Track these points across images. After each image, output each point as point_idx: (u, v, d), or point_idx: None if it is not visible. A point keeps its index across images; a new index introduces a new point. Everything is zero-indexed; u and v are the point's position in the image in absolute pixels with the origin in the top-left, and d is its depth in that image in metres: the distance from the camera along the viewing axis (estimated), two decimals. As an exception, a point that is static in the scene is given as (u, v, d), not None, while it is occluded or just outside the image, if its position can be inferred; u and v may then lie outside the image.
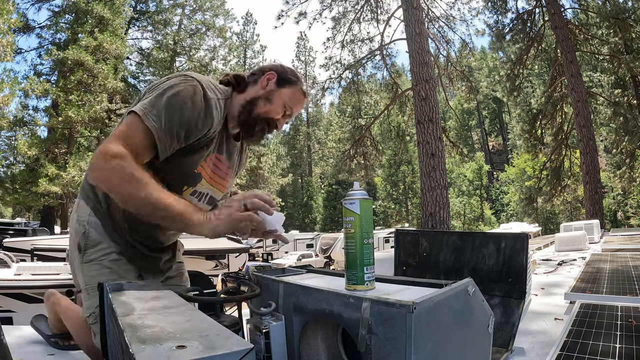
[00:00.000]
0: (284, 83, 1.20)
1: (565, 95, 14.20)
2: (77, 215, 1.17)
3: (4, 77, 13.89)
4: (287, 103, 1.19)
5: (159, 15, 20.52)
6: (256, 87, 1.19)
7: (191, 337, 0.46)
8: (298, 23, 12.27)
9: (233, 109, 1.17)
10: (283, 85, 1.19)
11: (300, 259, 14.95)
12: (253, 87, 1.20)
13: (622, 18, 11.97)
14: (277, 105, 1.18)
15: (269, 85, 1.18)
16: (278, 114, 1.20)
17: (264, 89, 1.18)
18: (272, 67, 1.22)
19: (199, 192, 1.18)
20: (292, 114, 1.24)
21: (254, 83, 1.20)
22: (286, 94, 1.19)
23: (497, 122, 45.21)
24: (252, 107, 1.16)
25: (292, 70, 1.24)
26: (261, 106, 1.17)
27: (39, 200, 15.47)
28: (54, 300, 1.50)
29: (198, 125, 1.04)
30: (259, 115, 1.17)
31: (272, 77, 1.19)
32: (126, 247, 1.15)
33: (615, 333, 1.27)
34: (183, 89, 1.00)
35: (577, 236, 4.69)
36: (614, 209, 25.88)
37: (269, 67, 1.22)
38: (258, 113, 1.16)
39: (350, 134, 13.98)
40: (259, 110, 1.17)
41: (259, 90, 1.18)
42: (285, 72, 1.21)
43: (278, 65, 1.24)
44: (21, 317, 3.50)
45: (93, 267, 1.10)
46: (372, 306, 0.74)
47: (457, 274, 1.48)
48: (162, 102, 0.97)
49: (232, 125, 1.19)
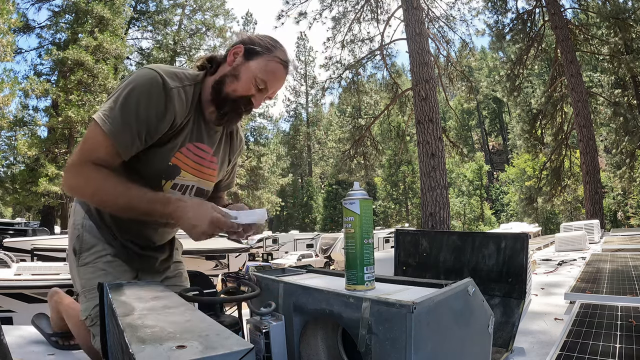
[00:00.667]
0: (251, 55, 1.07)
1: (565, 95, 14.20)
2: (73, 220, 1.17)
3: (4, 77, 13.89)
4: (257, 77, 1.06)
5: (159, 15, 20.53)
6: (225, 65, 1.10)
7: (191, 337, 0.46)
8: (298, 23, 12.27)
9: (206, 93, 1.09)
10: (251, 58, 1.07)
11: (300, 259, 14.95)
12: (223, 66, 1.10)
13: (622, 18, 11.97)
14: (245, 80, 1.06)
15: (236, 60, 1.08)
16: (249, 91, 1.07)
17: (230, 65, 1.08)
18: (240, 41, 1.09)
19: (181, 184, 1.12)
20: (268, 88, 1.09)
21: (224, 61, 1.10)
22: (255, 67, 1.06)
23: (497, 122, 45.21)
24: (220, 86, 1.07)
25: (264, 39, 1.10)
26: (229, 84, 1.06)
27: (39, 200, 15.47)
28: (56, 299, 1.50)
29: (159, 118, 0.98)
30: (227, 94, 1.07)
31: (239, 51, 1.08)
32: (120, 249, 1.15)
33: (615, 333, 1.27)
34: (138, 84, 0.96)
35: (577, 236, 4.69)
36: (614, 209, 25.88)
37: (237, 41, 1.11)
38: (227, 92, 1.06)
39: (350, 134, 13.98)
40: (227, 89, 1.07)
41: (225, 68, 1.09)
42: (253, 43, 1.08)
43: (246, 36, 1.11)
44: (21, 317, 3.50)
45: (88, 270, 1.10)
46: (372, 306, 0.74)
47: (457, 274, 1.48)
48: (118, 102, 0.95)
49: (209, 110, 1.11)
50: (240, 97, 1.07)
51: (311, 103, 37.53)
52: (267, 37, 1.13)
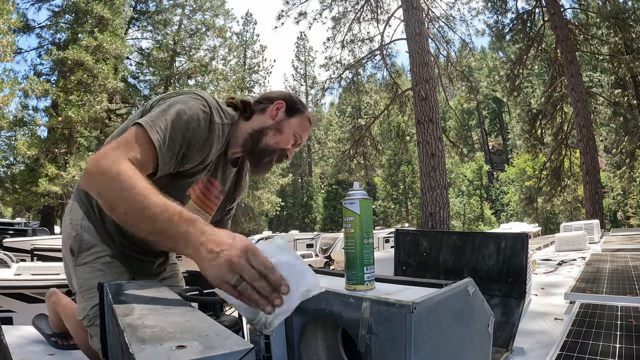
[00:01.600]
0: (293, 112, 1.17)
1: (565, 95, 14.20)
2: (70, 218, 1.15)
3: (4, 77, 13.88)
4: (296, 132, 1.18)
5: (159, 15, 20.50)
6: (264, 117, 1.16)
7: (191, 337, 0.46)
8: (298, 23, 12.28)
9: (237, 136, 1.14)
10: (292, 115, 1.17)
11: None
12: (260, 116, 1.16)
13: (622, 18, 11.97)
14: (287, 135, 1.16)
15: (279, 114, 1.16)
16: (288, 144, 1.17)
17: (273, 119, 1.15)
18: (280, 96, 1.19)
19: None
20: (301, 143, 1.21)
21: (261, 112, 1.17)
22: (295, 123, 1.17)
23: (497, 122, 45.19)
24: (261, 137, 1.13)
25: (298, 99, 1.22)
26: (271, 136, 1.14)
27: (39, 200, 15.46)
28: (54, 299, 1.50)
29: (198, 149, 1.00)
30: (268, 146, 1.14)
31: (281, 107, 1.16)
32: (119, 251, 1.15)
33: (615, 333, 1.27)
34: (192, 107, 0.97)
35: (577, 236, 4.69)
36: (614, 209, 25.87)
37: (277, 96, 1.19)
38: (267, 144, 1.14)
39: (350, 134, 13.98)
40: (269, 141, 1.14)
41: (267, 120, 1.15)
42: (294, 101, 1.19)
43: (286, 93, 1.21)
44: (21, 317, 3.50)
45: (86, 270, 1.10)
46: (372, 306, 0.74)
47: (457, 274, 1.48)
48: (169, 117, 0.93)
49: (233, 151, 1.17)
50: (279, 149, 1.16)
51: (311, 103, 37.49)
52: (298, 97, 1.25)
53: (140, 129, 0.90)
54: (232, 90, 19.77)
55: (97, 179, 0.79)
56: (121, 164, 0.79)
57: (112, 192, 0.76)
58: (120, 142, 0.87)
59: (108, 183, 0.77)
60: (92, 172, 0.80)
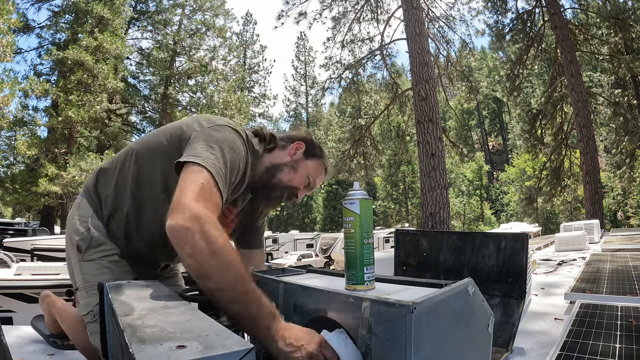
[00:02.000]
0: (311, 155, 1.20)
1: (565, 95, 14.20)
2: (79, 214, 1.15)
3: (4, 77, 13.88)
4: (310, 175, 1.20)
5: (159, 15, 20.51)
6: (283, 153, 1.19)
7: (191, 337, 0.46)
8: (298, 23, 12.28)
9: (259, 168, 1.16)
10: (309, 157, 1.20)
11: (300, 259, 14.95)
12: (280, 152, 1.19)
13: (622, 18, 11.97)
14: (301, 175, 1.18)
15: (297, 154, 1.18)
16: (300, 184, 1.19)
17: (291, 157, 1.18)
18: (302, 137, 1.22)
19: None
20: (313, 187, 1.22)
21: (282, 148, 1.20)
22: (311, 166, 1.20)
23: (497, 122, 45.21)
24: (276, 172, 1.15)
25: (319, 145, 1.24)
26: (285, 173, 1.16)
27: (39, 200, 15.47)
28: (48, 302, 1.50)
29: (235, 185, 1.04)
30: (281, 181, 1.16)
31: (300, 147, 1.19)
32: (126, 251, 1.16)
33: (615, 333, 1.27)
34: (238, 148, 1.00)
35: (577, 236, 4.69)
36: (614, 209, 25.88)
37: (299, 136, 1.22)
38: (281, 179, 1.16)
39: (350, 134, 13.97)
40: (283, 177, 1.16)
41: (285, 157, 1.18)
42: (314, 145, 1.22)
43: (307, 136, 1.24)
44: (21, 317, 3.50)
45: (93, 266, 1.10)
46: (372, 306, 0.74)
47: (457, 274, 1.48)
48: (225, 160, 0.94)
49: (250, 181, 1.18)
50: (290, 187, 1.18)
51: (311, 103, 37.55)
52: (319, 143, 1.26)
53: (210, 177, 0.87)
54: (232, 90, 19.78)
55: (198, 243, 0.75)
56: (223, 233, 0.78)
57: (211, 264, 0.75)
58: (199, 193, 0.82)
59: (209, 254, 0.75)
60: (194, 230, 0.75)
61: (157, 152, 1.09)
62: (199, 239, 0.75)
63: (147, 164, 1.10)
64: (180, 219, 0.76)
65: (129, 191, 1.11)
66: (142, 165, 1.11)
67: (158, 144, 1.09)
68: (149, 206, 1.11)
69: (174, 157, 0.97)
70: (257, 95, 31.49)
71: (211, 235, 0.76)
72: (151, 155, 1.10)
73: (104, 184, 1.16)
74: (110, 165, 1.17)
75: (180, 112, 18.63)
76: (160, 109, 19.46)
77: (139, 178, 1.11)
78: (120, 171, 1.13)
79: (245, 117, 19.90)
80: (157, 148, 1.09)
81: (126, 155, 1.14)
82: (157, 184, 1.09)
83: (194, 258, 0.75)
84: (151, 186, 1.09)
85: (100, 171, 1.19)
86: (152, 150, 1.10)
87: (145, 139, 1.15)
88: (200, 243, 0.75)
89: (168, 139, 1.07)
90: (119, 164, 1.14)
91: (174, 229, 0.76)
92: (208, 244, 0.75)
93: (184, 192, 0.81)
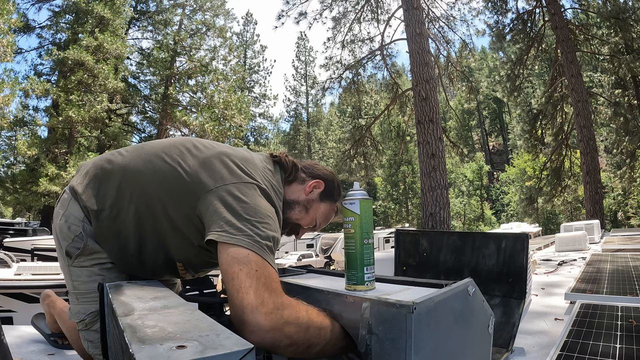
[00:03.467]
0: (326, 198, 1.15)
1: (565, 95, 14.20)
2: (66, 216, 1.02)
3: (4, 77, 13.87)
4: (319, 218, 1.15)
5: (159, 15, 20.52)
6: (299, 188, 1.12)
7: (191, 337, 0.46)
8: (298, 23, 12.28)
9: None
10: (325, 199, 1.14)
11: (300, 259, 14.93)
12: (297, 187, 1.12)
13: (622, 18, 11.96)
14: (311, 217, 1.13)
15: (313, 193, 1.12)
16: (307, 225, 1.15)
17: (306, 196, 1.12)
18: (323, 176, 1.15)
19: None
20: (316, 228, 1.18)
21: (300, 182, 1.12)
22: (323, 209, 1.15)
23: (497, 122, 45.19)
24: (287, 208, 1.09)
25: (338, 187, 1.18)
26: (296, 212, 1.11)
27: (39, 200, 15.47)
28: (48, 302, 1.50)
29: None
30: (289, 218, 1.10)
31: (319, 187, 1.13)
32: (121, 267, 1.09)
33: (615, 333, 1.27)
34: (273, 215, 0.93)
35: (578, 236, 4.69)
36: (614, 209, 25.86)
37: (321, 175, 1.15)
38: (289, 217, 1.10)
39: (350, 134, 13.98)
40: (292, 215, 1.10)
41: (300, 194, 1.11)
42: (332, 188, 1.16)
43: (330, 176, 1.17)
44: (21, 317, 3.50)
45: (83, 273, 1.02)
46: (372, 306, 0.74)
47: (457, 274, 1.48)
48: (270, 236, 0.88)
49: None
50: (296, 224, 1.13)
51: (311, 103, 37.52)
52: (339, 183, 1.19)
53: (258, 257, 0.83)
54: (232, 90, 19.77)
55: (291, 335, 0.76)
56: (296, 306, 0.79)
57: (311, 335, 0.78)
58: (258, 285, 0.79)
59: (304, 332, 0.78)
60: (279, 327, 0.75)
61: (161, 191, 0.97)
62: (289, 330, 0.76)
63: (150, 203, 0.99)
64: (262, 329, 0.74)
65: (132, 229, 1.00)
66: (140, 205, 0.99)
67: (162, 181, 0.97)
68: (152, 241, 1.02)
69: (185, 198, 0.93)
70: (257, 95, 31.48)
71: (293, 319, 0.76)
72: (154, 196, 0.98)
73: (92, 199, 1.01)
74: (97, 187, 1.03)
75: (180, 112, 18.62)
76: (161, 109, 19.45)
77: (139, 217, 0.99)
78: (116, 204, 1.00)
79: (246, 117, 19.89)
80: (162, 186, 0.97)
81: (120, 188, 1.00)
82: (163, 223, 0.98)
83: (296, 345, 0.77)
84: (156, 223, 0.99)
85: (88, 186, 1.03)
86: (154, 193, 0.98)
87: (141, 171, 1.00)
88: (291, 332, 0.76)
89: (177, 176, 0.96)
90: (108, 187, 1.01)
91: (263, 341, 0.75)
92: (297, 327, 0.77)
93: (245, 293, 0.77)
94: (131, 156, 1.04)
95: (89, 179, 1.04)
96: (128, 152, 1.07)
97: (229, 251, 0.82)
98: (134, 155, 1.04)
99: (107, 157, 1.07)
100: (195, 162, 0.98)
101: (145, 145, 1.07)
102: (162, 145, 1.05)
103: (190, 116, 18.74)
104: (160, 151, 1.02)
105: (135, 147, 1.08)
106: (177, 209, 0.95)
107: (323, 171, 1.18)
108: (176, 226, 0.97)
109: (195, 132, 18.27)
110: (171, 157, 1.00)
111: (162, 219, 0.97)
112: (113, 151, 1.10)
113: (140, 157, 1.03)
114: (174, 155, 1.00)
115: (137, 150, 1.06)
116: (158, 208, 0.97)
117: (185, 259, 1.04)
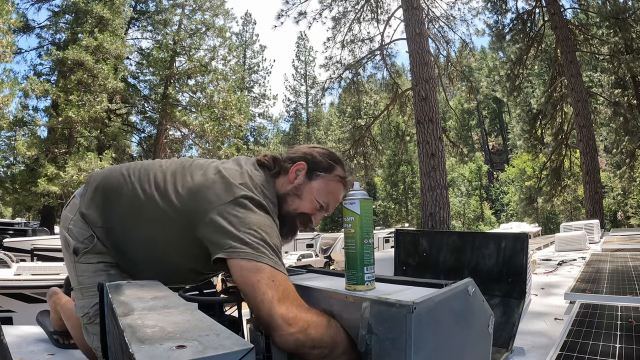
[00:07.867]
0: (315, 175, 1.07)
1: (565, 95, 14.20)
2: (74, 221, 1.08)
3: (4, 77, 13.86)
4: (317, 198, 1.06)
5: (158, 15, 20.50)
6: (286, 179, 1.07)
7: (191, 337, 0.46)
8: (298, 23, 12.28)
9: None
10: (314, 177, 1.07)
11: (300, 259, 14.93)
12: (283, 178, 1.08)
13: (622, 18, 11.97)
14: (307, 200, 1.06)
15: (298, 178, 1.07)
16: (310, 210, 1.08)
17: (291, 183, 1.07)
18: (303, 155, 1.09)
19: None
20: (329, 208, 1.10)
21: (285, 172, 1.08)
22: (317, 187, 1.07)
23: (497, 122, 45.18)
24: (282, 203, 1.06)
25: (324, 157, 1.09)
26: (290, 203, 1.06)
27: (39, 200, 15.45)
28: (55, 299, 1.50)
29: None
30: (288, 212, 1.06)
31: (301, 169, 1.07)
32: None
33: (615, 333, 1.27)
34: (273, 226, 0.95)
35: (577, 236, 4.69)
36: (614, 209, 25.86)
37: (300, 155, 1.10)
38: (287, 210, 1.06)
39: (350, 134, 13.98)
40: (289, 208, 1.06)
41: (287, 185, 1.07)
42: (316, 162, 1.08)
43: (309, 152, 1.10)
44: (21, 317, 3.50)
45: (89, 269, 1.07)
46: (372, 306, 0.74)
47: (457, 274, 1.48)
48: (274, 247, 0.90)
49: None
50: (301, 214, 1.08)
51: (311, 103, 37.52)
52: (327, 152, 1.11)
53: (279, 272, 0.87)
54: (232, 90, 19.76)
55: (316, 338, 0.80)
56: (314, 314, 0.83)
57: (331, 332, 0.81)
58: (276, 295, 0.82)
59: (324, 329, 0.81)
60: (300, 330, 0.79)
61: (157, 225, 1.01)
62: (313, 332, 0.79)
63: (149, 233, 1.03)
64: (288, 337, 0.79)
65: (135, 253, 1.06)
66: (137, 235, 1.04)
67: (161, 216, 1.00)
68: (159, 262, 1.07)
69: (184, 229, 0.96)
70: (257, 95, 31.48)
71: (312, 326, 0.80)
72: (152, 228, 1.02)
73: (98, 220, 1.07)
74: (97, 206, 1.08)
75: (180, 112, 18.61)
76: (160, 109, 19.43)
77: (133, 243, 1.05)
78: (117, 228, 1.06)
79: (245, 117, 19.88)
80: (160, 220, 1.00)
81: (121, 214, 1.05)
82: (171, 251, 1.03)
83: (320, 347, 0.80)
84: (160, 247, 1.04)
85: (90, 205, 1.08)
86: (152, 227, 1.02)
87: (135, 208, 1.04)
88: (317, 335, 0.79)
89: (174, 209, 0.98)
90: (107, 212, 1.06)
91: (289, 347, 0.81)
92: (319, 329, 0.80)
93: (265, 303, 0.81)
94: (134, 192, 1.05)
95: (96, 196, 1.09)
96: (134, 176, 1.08)
97: (240, 265, 0.85)
98: (136, 193, 1.04)
99: (117, 177, 1.08)
100: (186, 191, 0.99)
101: (149, 179, 1.06)
102: (161, 178, 1.05)
103: (190, 116, 18.73)
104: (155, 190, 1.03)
105: (139, 177, 1.08)
106: (180, 244, 1.00)
107: (303, 150, 1.12)
108: (183, 254, 1.02)
109: (195, 132, 18.27)
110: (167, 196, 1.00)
111: (169, 249, 1.03)
112: (124, 169, 1.10)
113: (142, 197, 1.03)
114: (169, 193, 1.00)
115: (141, 181, 1.06)
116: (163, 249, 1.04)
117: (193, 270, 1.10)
